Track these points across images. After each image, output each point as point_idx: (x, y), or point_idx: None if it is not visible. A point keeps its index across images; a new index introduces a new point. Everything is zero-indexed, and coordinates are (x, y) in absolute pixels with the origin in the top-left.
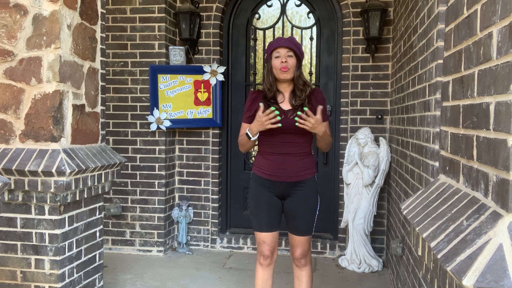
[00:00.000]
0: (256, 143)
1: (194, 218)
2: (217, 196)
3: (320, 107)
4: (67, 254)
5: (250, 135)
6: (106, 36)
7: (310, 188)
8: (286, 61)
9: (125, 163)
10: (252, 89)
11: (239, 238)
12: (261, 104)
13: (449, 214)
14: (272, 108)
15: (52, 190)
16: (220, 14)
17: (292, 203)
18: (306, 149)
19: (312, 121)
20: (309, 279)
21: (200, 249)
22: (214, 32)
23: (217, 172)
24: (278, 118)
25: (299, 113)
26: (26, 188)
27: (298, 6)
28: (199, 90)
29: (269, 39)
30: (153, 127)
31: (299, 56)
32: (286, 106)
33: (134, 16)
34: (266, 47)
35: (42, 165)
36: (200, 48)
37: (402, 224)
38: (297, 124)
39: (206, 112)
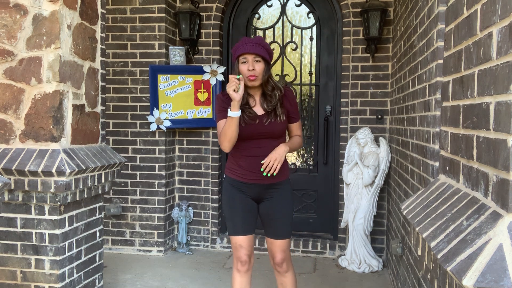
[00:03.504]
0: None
1: (194, 218)
2: (217, 196)
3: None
4: (67, 254)
5: (231, 111)
6: (106, 36)
7: (285, 190)
8: (253, 69)
9: (125, 163)
10: (220, 93)
11: None
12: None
13: (449, 214)
14: (238, 76)
15: (52, 190)
16: (220, 14)
17: (269, 206)
18: None
19: (274, 161)
20: (294, 284)
21: (200, 249)
22: (214, 32)
23: (217, 172)
24: (238, 77)
25: (262, 169)
26: (26, 188)
27: (298, 6)
28: (199, 90)
29: (269, 39)
30: (153, 127)
31: (267, 60)
32: (259, 110)
33: (134, 16)
34: (232, 50)
35: (42, 165)
36: (200, 48)
37: (402, 224)
38: (269, 175)
39: (206, 112)
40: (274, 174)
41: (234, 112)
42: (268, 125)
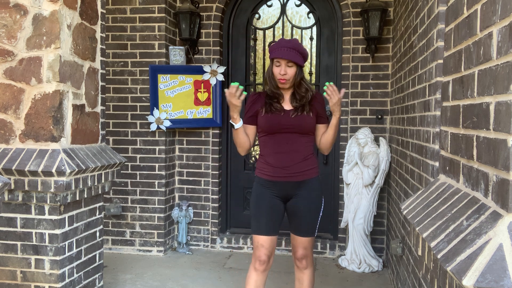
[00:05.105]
0: (256, 142)
1: (194, 218)
2: (217, 196)
3: (343, 90)
4: (67, 254)
5: (233, 123)
6: (106, 36)
7: (314, 188)
8: (285, 73)
9: (125, 163)
10: (253, 91)
11: (239, 238)
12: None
13: (449, 214)
14: (235, 83)
15: (52, 190)
16: (220, 14)
17: (295, 202)
18: (309, 149)
19: (338, 97)
20: (310, 282)
21: (200, 249)
22: (214, 32)
23: (217, 172)
24: (241, 87)
25: (327, 84)
26: (26, 188)
27: (298, 6)
28: (199, 90)
29: (269, 39)
30: (153, 127)
31: (300, 64)
32: (287, 105)
33: (134, 16)
34: (269, 46)
35: (42, 165)
36: (200, 48)
37: (402, 224)
38: (325, 94)
39: (206, 112)
40: (324, 94)
41: (235, 124)
42: (294, 118)
